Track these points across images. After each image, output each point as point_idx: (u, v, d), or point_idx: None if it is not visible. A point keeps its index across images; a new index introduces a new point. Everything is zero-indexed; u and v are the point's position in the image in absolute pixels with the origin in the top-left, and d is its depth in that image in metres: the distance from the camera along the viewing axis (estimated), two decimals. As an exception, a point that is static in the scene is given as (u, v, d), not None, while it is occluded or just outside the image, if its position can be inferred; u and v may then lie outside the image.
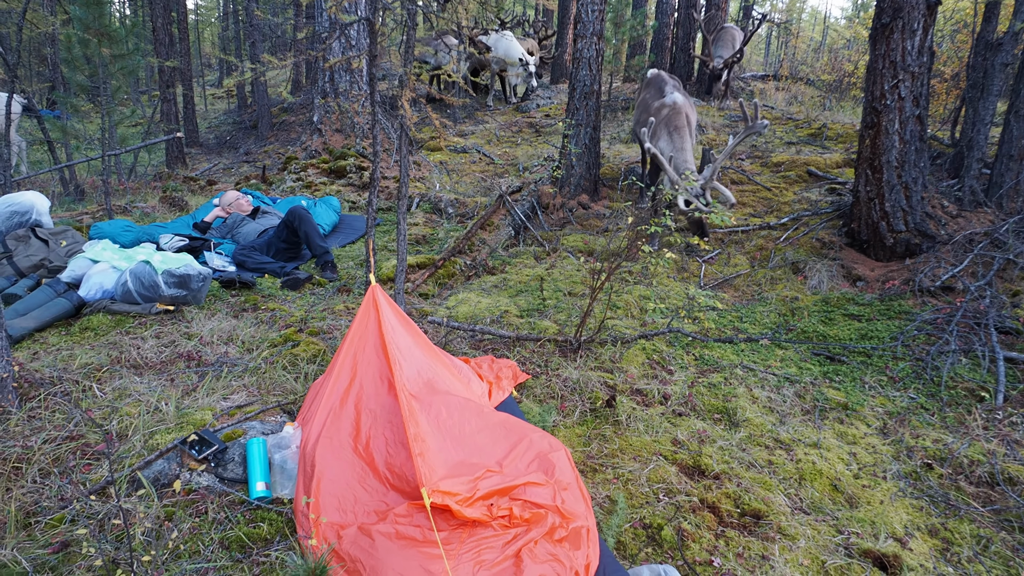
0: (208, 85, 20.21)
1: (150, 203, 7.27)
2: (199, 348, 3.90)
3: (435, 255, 5.85)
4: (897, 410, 3.80)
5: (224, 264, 5.28)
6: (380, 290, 3.19)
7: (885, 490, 3.12)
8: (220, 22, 23.49)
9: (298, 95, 14.17)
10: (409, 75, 4.17)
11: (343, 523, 2.41)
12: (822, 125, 9.56)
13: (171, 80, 11.18)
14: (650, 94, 6.68)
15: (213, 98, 18.83)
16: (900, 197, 5.54)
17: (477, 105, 12.84)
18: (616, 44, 11.76)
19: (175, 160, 10.53)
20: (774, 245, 6.15)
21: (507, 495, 2.38)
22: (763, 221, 6.66)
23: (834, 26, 28.41)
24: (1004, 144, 5.87)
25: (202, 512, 2.59)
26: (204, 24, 26.36)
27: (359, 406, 2.81)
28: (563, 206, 7.20)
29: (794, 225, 6.44)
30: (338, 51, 8.97)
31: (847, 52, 17.60)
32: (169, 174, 8.79)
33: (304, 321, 4.41)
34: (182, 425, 3.05)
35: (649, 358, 4.27)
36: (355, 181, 8.37)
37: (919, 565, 2.65)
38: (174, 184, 8.01)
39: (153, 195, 7.69)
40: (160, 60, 10.16)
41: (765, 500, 2.96)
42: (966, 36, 11.62)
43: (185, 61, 12.40)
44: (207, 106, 17.47)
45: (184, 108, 12.49)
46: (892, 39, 5.39)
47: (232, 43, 19.76)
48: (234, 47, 19.13)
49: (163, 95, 11.18)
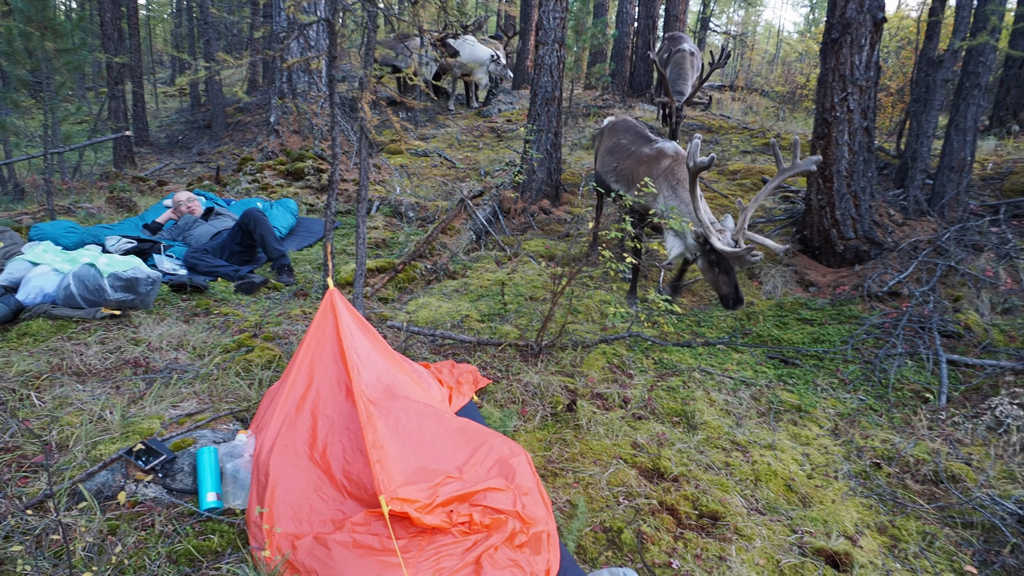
0: (160, 83, 19.66)
1: (96, 203, 7.01)
2: (147, 354, 3.77)
3: (395, 259, 5.79)
4: (847, 411, 3.90)
5: (175, 267, 5.12)
6: (338, 294, 3.13)
7: (837, 489, 3.19)
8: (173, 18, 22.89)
9: (254, 95, 13.89)
10: (369, 77, 4.11)
11: (298, 533, 2.34)
12: (776, 135, 9.81)
13: (120, 77, 10.83)
14: (627, 139, 5.55)
15: (165, 96, 18.32)
16: (849, 205, 5.71)
17: (439, 109, 12.79)
18: (577, 52, 11.88)
19: (123, 159, 10.20)
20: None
21: (467, 501, 2.35)
22: (719, 228, 6.77)
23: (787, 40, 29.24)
24: (945, 156, 6.11)
25: (148, 525, 2.48)
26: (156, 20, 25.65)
27: (316, 412, 2.75)
28: (524, 211, 7.21)
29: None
30: (296, 51, 8.82)
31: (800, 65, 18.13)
32: (117, 174, 8.49)
33: (259, 326, 4.31)
34: (128, 435, 2.93)
35: (609, 362, 4.29)
36: (313, 183, 8.23)
37: (869, 562, 2.72)
38: (122, 184, 7.74)
39: (99, 195, 7.42)
40: (108, 56, 9.83)
41: (722, 501, 3.00)
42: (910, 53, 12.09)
43: (135, 58, 12.03)
44: (158, 105, 16.98)
45: (134, 106, 12.11)
46: (841, 53, 5.56)
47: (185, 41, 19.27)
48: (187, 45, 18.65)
49: (111, 92, 10.82)
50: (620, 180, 5.30)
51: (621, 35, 13.50)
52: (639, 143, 5.37)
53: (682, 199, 4.74)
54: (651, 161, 5.02)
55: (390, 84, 13.13)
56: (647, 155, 5.11)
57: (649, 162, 5.03)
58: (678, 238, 4.70)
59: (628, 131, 5.67)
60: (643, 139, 5.38)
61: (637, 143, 5.38)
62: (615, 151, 5.54)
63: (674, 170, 4.85)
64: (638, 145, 5.34)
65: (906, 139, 7.33)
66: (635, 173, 5.10)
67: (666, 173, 4.85)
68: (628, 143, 5.47)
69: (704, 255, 4.51)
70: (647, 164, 5.03)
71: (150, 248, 5.35)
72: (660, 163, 4.94)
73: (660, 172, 4.87)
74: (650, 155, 5.08)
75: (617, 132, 5.78)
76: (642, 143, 5.32)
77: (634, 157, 5.25)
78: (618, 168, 5.37)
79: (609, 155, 5.58)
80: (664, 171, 4.87)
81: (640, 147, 5.28)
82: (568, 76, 11.60)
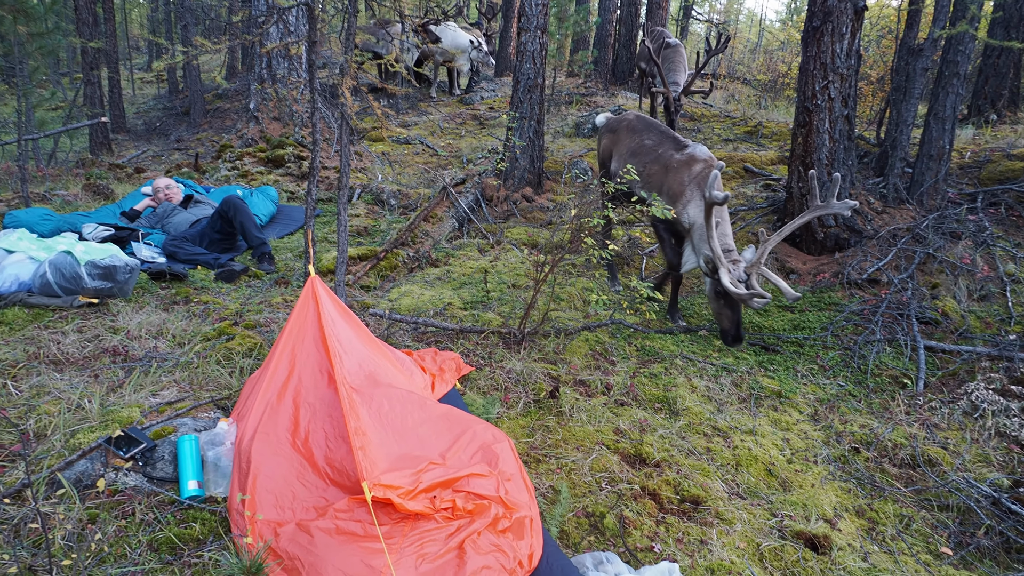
0: (137, 69, 19.30)
1: (72, 191, 6.89)
2: (126, 342, 3.72)
3: (377, 247, 5.75)
4: (827, 397, 3.95)
5: (153, 255, 5.05)
6: (320, 282, 3.10)
7: (816, 474, 3.24)
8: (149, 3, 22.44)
9: (233, 81, 13.68)
10: (350, 63, 4.07)
11: (281, 520, 2.34)
12: (758, 123, 9.86)
13: (95, 62, 10.61)
14: (652, 140, 5.03)
15: (142, 82, 17.99)
16: (830, 193, 5.76)
17: (420, 96, 12.69)
18: (560, 39, 11.82)
19: (99, 146, 10.02)
20: (712, 239, 6.29)
21: (450, 487, 2.36)
22: (702, 215, 6.81)
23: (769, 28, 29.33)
24: (924, 144, 6.18)
25: (129, 513, 2.47)
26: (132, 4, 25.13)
27: (298, 400, 2.73)
28: (507, 199, 7.19)
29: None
30: (276, 36, 8.69)
31: (782, 54, 18.20)
32: (93, 161, 8.34)
33: (240, 314, 4.27)
34: (107, 423, 2.90)
35: (592, 349, 4.31)
36: (294, 171, 8.14)
37: (847, 544, 2.77)
38: (98, 171, 7.61)
39: (75, 183, 7.29)
40: (83, 40, 9.62)
41: (703, 486, 3.03)
42: (891, 41, 12.18)
43: (111, 42, 11.79)
44: (135, 91, 16.68)
45: (110, 92, 11.88)
46: (823, 42, 5.59)
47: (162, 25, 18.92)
48: (164, 29, 18.32)
49: (86, 77, 10.60)
50: (647, 186, 4.87)
51: (604, 22, 13.46)
52: (667, 145, 4.87)
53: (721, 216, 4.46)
54: (681, 167, 4.61)
55: (371, 71, 13.00)
56: (677, 160, 4.68)
57: (679, 168, 4.62)
58: (695, 254, 4.49)
59: (650, 130, 5.14)
60: (671, 141, 4.90)
61: (664, 145, 4.89)
62: (639, 152, 5.04)
63: (707, 177, 4.36)
64: (666, 148, 4.86)
65: (886, 127, 7.41)
66: (663, 180, 4.71)
67: (699, 179, 4.47)
68: (654, 144, 4.98)
69: (712, 283, 4.29)
70: (677, 170, 4.63)
71: (128, 236, 5.27)
72: (692, 168, 4.56)
73: (691, 178, 4.51)
74: (680, 160, 4.65)
75: (638, 131, 5.22)
76: (670, 145, 4.84)
77: (662, 161, 4.79)
78: (645, 173, 4.87)
79: (633, 157, 5.06)
80: (696, 177, 4.50)
81: (668, 150, 4.81)
82: (551, 63, 11.55)
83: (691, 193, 4.49)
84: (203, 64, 16.33)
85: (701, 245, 4.37)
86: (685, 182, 4.53)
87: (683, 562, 2.57)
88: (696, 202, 4.44)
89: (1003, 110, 9.25)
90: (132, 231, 5.35)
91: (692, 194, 4.48)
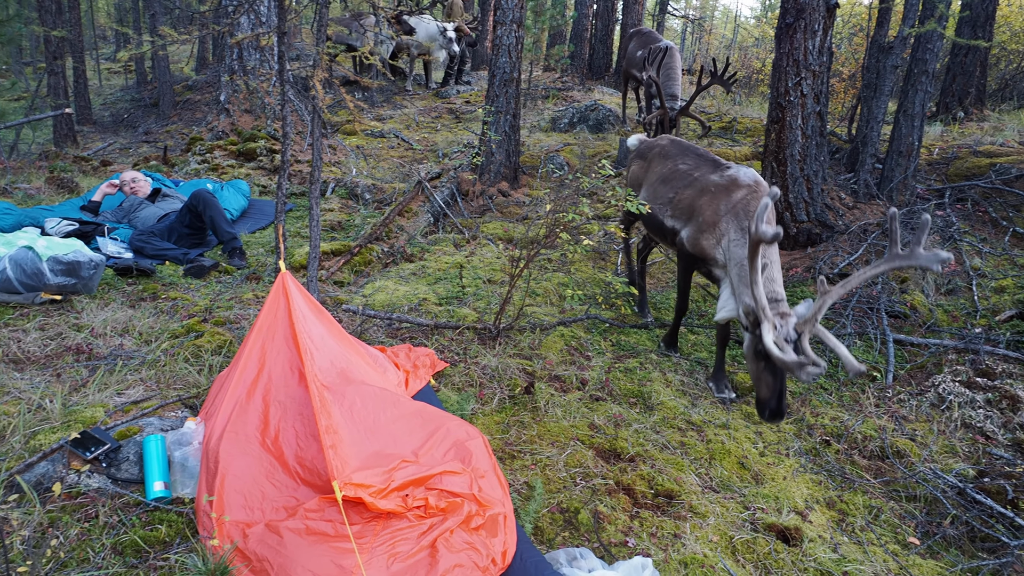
0: (104, 59, 18.84)
1: (35, 184, 6.70)
2: (90, 340, 3.63)
3: (351, 242, 5.68)
4: (799, 390, 3.99)
5: (120, 250, 4.93)
6: (290, 277, 3.05)
7: (788, 466, 3.27)
8: (116, -8, 21.91)
9: (204, 73, 13.43)
10: (322, 55, 4.00)
11: (249, 521, 2.29)
12: (732, 119, 9.93)
13: (59, 51, 10.31)
14: (688, 164, 4.36)
15: (109, 73, 17.57)
16: (802, 189, 5.82)
17: (396, 90, 12.57)
18: (536, 33, 11.80)
19: (64, 138, 9.75)
20: (687, 234, 6.32)
21: (423, 485, 2.33)
22: (676, 210, 6.83)
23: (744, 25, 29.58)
24: (894, 141, 6.27)
25: (92, 516, 2.40)
26: (98, -7, 24.52)
27: (268, 398, 2.68)
28: (483, 193, 7.15)
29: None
30: (247, 27, 8.54)
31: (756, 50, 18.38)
32: (57, 153, 8.13)
33: (209, 310, 4.18)
34: (69, 424, 2.82)
35: (567, 344, 4.30)
36: (266, 164, 8.01)
37: (818, 536, 2.80)
38: (63, 164, 7.41)
39: (38, 175, 7.09)
40: (46, 29, 9.35)
41: (677, 480, 3.04)
42: (862, 39, 12.35)
43: (75, 31, 11.48)
44: (102, 82, 16.28)
45: (75, 82, 11.58)
46: (795, 38, 5.63)
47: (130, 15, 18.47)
48: (132, 19, 17.88)
49: (50, 67, 10.30)
50: (677, 215, 4.17)
51: (580, 17, 13.47)
52: (704, 168, 4.22)
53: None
54: (720, 192, 3.90)
55: (346, 63, 12.85)
56: (715, 183, 3.97)
57: (717, 192, 3.91)
58: (732, 299, 3.68)
59: (687, 153, 4.49)
60: (709, 163, 4.26)
61: (702, 168, 4.24)
62: (672, 179, 4.36)
63: (750, 206, 3.69)
64: (703, 171, 4.19)
65: (857, 124, 7.50)
66: (696, 205, 4.00)
67: (737, 209, 3.74)
68: (689, 168, 4.30)
69: (751, 339, 3.41)
70: (714, 195, 3.92)
71: (93, 231, 5.13)
72: (732, 194, 3.83)
73: (730, 206, 3.78)
74: (719, 184, 3.94)
75: (671, 156, 4.56)
76: (709, 168, 4.18)
77: (697, 185, 4.10)
78: (676, 200, 4.21)
79: (663, 184, 4.41)
80: (735, 206, 3.76)
81: (706, 173, 4.14)
82: (527, 58, 11.52)
83: (727, 224, 3.74)
84: (173, 55, 16.00)
85: (741, 290, 3.53)
86: (720, 211, 3.81)
87: (657, 556, 2.58)
88: (734, 236, 3.68)
89: (970, 108, 9.44)
90: (97, 226, 5.21)
91: (728, 225, 3.73)
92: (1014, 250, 5.46)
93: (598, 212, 6.69)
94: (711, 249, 3.83)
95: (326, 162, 8.00)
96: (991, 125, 8.79)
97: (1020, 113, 9.54)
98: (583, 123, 9.79)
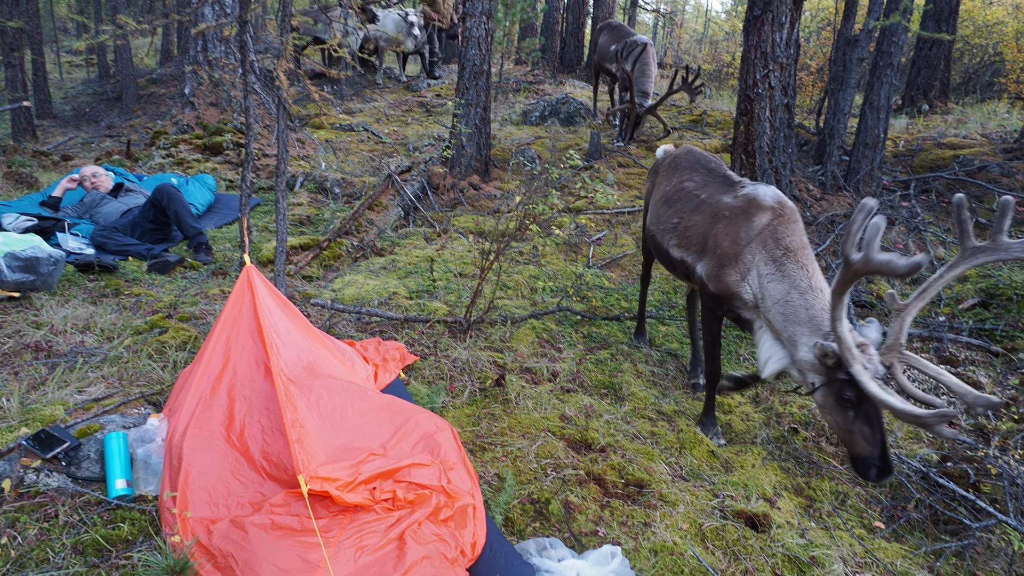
0: (64, 51, 18.35)
1: (-8, 179, 6.50)
2: (49, 337, 3.53)
3: (320, 236, 5.61)
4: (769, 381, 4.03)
5: (81, 246, 4.81)
6: (255, 271, 2.99)
7: (756, 454, 3.31)
8: (77, -17, 21.32)
9: (168, 66, 13.15)
10: (286, 45, 3.93)
11: (214, 517, 2.25)
12: (702, 112, 10.00)
13: (16, 43, 10.02)
14: (695, 181, 3.75)
15: (70, 66, 17.11)
16: (771, 181, 5.89)
17: (366, 83, 12.43)
18: (507, 25, 11.72)
19: (23, 132, 9.48)
20: (658, 226, 6.35)
21: (391, 478, 2.31)
22: (648, 203, 6.87)
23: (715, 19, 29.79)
24: (860, 133, 6.37)
25: (52, 516, 2.34)
26: (58, -16, 23.85)
27: (233, 393, 2.63)
28: (454, 187, 7.11)
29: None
30: (211, 17, 8.36)
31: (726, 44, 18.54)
32: (15, 148, 7.88)
33: (174, 306, 4.10)
34: (28, 422, 2.75)
35: (539, 337, 4.30)
36: (233, 158, 7.86)
37: (786, 522, 2.83)
38: (21, 159, 7.20)
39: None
40: (1, 19, 9.07)
41: (648, 469, 3.06)
42: (830, 33, 12.51)
43: (33, 22, 11.14)
44: (63, 75, 15.86)
45: (34, 75, 11.24)
46: (763, 31, 5.69)
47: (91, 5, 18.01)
48: (93, 10, 17.44)
49: (7, 60, 10.00)
50: (686, 245, 3.55)
51: (551, 10, 13.44)
52: (714, 187, 3.61)
53: (795, 283, 2.94)
54: (737, 216, 3.26)
55: (315, 56, 12.67)
56: (729, 207, 3.34)
57: (734, 217, 3.27)
58: (779, 345, 3.01)
59: (695, 168, 3.85)
60: (720, 180, 3.64)
61: (711, 187, 3.62)
62: (676, 200, 3.75)
63: (778, 233, 3.09)
64: (713, 191, 3.57)
65: (824, 117, 7.60)
66: (710, 235, 3.37)
67: (764, 237, 3.12)
68: (696, 187, 3.69)
69: (831, 386, 2.75)
70: (730, 221, 3.28)
71: (53, 227, 5.00)
72: (753, 220, 3.20)
73: (753, 234, 3.16)
74: (735, 207, 3.31)
75: (678, 171, 3.93)
76: (719, 187, 3.57)
77: (707, 209, 3.48)
78: (682, 226, 3.60)
79: (666, 206, 3.80)
80: (761, 233, 3.14)
81: (716, 193, 3.52)
82: (498, 50, 11.47)
83: (752, 256, 3.13)
84: (136, 49, 15.64)
85: (793, 331, 2.89)
86: (741, 240, 3.19)
87: (627, 545, 2.59)
88: (766, 270, 3.06)
89: (934, 100, 9.63)
90: (57, 221, 5.08)
91: (754, 258, 3.12)
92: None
93: (569, 204, 6.70)
94: (736, 286, 3.19)
95: (295, 156, 7.89)
96: (955, 118, 8.98)
97: (983, 106, 9.76)
98: (554, 116, 9.78)
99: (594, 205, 6.69)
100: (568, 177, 4.37)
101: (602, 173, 7.56)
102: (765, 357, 3.07)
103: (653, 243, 3.95)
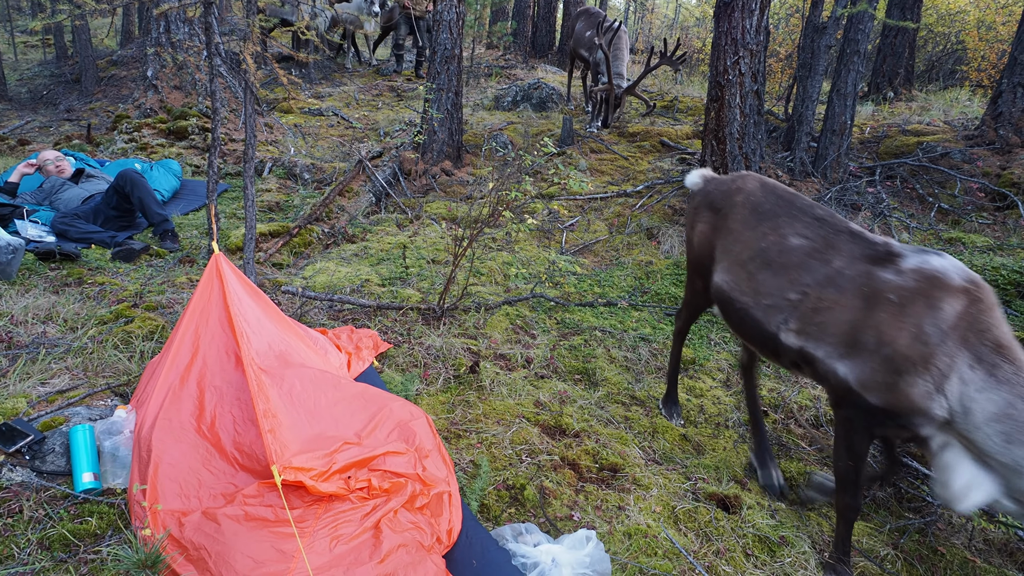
0: (19, 31, 17.70)
1: (-55, 164, 6.27)
2: (9, 328, 3.43)
3: (290, 223, 5.53)
4: (739, 363, 4.10)
5: (41, 233, 4.67)
6: (224, 259, 2.94)
7: (728, 437, 3.37)
8: (32, -40, 20.52)
9: (129, 47, 12.77)
10: (253, 28, 3.84)
11: (185, 509, 2.21)
12: (674, 98, 10.04)
13: (-31, 22, 9.64)
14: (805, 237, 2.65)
15: (26, 47, 16.52)
16: (741, 167, 5.94)
17: (335, 66, 12.23)
18: (478, 9, 11.61)
19: (-22, 116, 9.16)
20: (630, 212, 6.40)
21: (366, 466, 2.30)
22: (620, 189, 6.90)
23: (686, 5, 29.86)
24: (828, 120, 6.46)
25: (16, 511, 2.28)
26: (12, -39, 22.92)
27: (203, 383, 2.59)
28: (426, 172, 7.06)
29: (648, 193, 6.73)
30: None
31: (697, 30, 18.62)
32: (-30, 132, 7.62)
33: (140, 295, 4.01)
34: (-12, 416, 2.67)
35: (512, 323, 4.30)
36: (199, 143, 7.69)
37: (756, 503, 2.89)
38: (-24, 143, 6.96)
39: (-51, 155, 6.64)
40: (-48, -2, 8.72)
41: (622, 454, 3.09)
42: (799, 20, 12.63)
43: (-14, 1, 10.75)
44: (17, 56, 15.31)
45: (-12, 56, 10.86)
46: (733, 17, 5.71)
47: (48, -15, 17.38)
48: (50, -11, 16.83)
49: (-41, 40, 9.63)
50: (817, 335, 2.50)
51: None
52: (847, 250, 2.53)
53: (1018, 391, 2.07)
54: (913, 301, 2.27)
55: (283, 39, 12.42)
56: (895, 287, 2.32)
57: (907, 304, 2.28)
58: (986, 471, 2.19)
59: (793, 215, 2.75)
60: (847, 239, 2.56)
61: (840, 249, 2.55)
62: (784, 263, 2.66)
63: (980, 323, 2.18)
64: (848, 257, 2.50)
65: (793, 104, 7.69)
66: (867, 327, 2.35)
67: (962, 331, 2.18)
68: (814, 247, 2.61)
69: None
70: (902, 309, 2.28)
71: (11, 213, 4.85)
72: (939, 306, 2.22)
73: (945, 327, 2.19)
74: (905, 287, 2.30)
75: (767, 216, 2.82)
76: (857, 251, 2.50)
77: (853, 288, 2.42)
78: (807, 307, 2.54)
79: (767, 270, 2.70)
80: (956, 325, 2.19)
81: (857, 262, 2.47)
82: (469, 35, 11.36)
83: (952, 359, 2.18)
84: (95, 28, 15.15)
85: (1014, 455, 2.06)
86: (931, 337, 2.21)
87: (602, 528, 2.62)
88: (971, 376, 2.14)
89: (899, 88, 9.80)
90: (15, 208, 4.92)
91: (955, 361, 2.17)
92: (939, 225, 5.73)
93: (541, 191, 6.69)
94: (923, 400, 2.22)
95: (263, 141, 7.74)
96: (919, 105, 9.16)
97: (945, 93, 9.96)
98: (527, 101, 9.74)
99: (567, 191, 6.69)
100: (541, 164, 4.36)
101: (575, 159, 7.57)
102: (963, 485, 2.24)
103: (740, 316, 2.81)
